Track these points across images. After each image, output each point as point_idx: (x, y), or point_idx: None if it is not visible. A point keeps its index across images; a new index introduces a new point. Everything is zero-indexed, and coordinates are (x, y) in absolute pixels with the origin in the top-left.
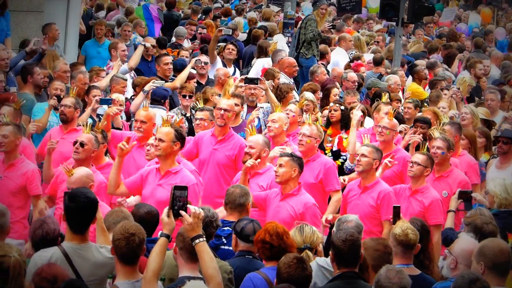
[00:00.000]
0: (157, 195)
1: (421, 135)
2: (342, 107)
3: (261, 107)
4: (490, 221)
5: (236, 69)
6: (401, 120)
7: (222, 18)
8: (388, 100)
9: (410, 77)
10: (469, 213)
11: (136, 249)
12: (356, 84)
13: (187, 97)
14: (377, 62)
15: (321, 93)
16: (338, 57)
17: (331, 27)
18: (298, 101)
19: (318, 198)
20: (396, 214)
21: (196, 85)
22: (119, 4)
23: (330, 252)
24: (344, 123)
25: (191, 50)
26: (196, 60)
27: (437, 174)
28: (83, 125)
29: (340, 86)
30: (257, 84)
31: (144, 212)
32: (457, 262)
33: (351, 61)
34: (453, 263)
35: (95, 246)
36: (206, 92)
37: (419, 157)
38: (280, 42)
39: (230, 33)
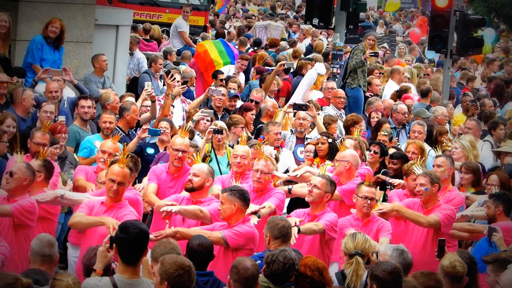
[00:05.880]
0: (99, 229)
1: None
2: (330, 140)
3: (309, 138)
4: None
5: None
6: (385, 152)
7: (269, 49)
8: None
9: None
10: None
11: (194, 280)
12: (406, 115)
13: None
14: (423, 94)
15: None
16: (388, 90)
17: (372, 54)
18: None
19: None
20: (441, 247)
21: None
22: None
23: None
24: (332, 156)
25: (239, 82)
26: (209, 89)
27: (425, 209)
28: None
29: (390, 118)
30: (305, 110)
31: (196, 244)
32: None
33: (399, 93)
34: None
35: (147, 282)
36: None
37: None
38: None
39: (294, 67)
